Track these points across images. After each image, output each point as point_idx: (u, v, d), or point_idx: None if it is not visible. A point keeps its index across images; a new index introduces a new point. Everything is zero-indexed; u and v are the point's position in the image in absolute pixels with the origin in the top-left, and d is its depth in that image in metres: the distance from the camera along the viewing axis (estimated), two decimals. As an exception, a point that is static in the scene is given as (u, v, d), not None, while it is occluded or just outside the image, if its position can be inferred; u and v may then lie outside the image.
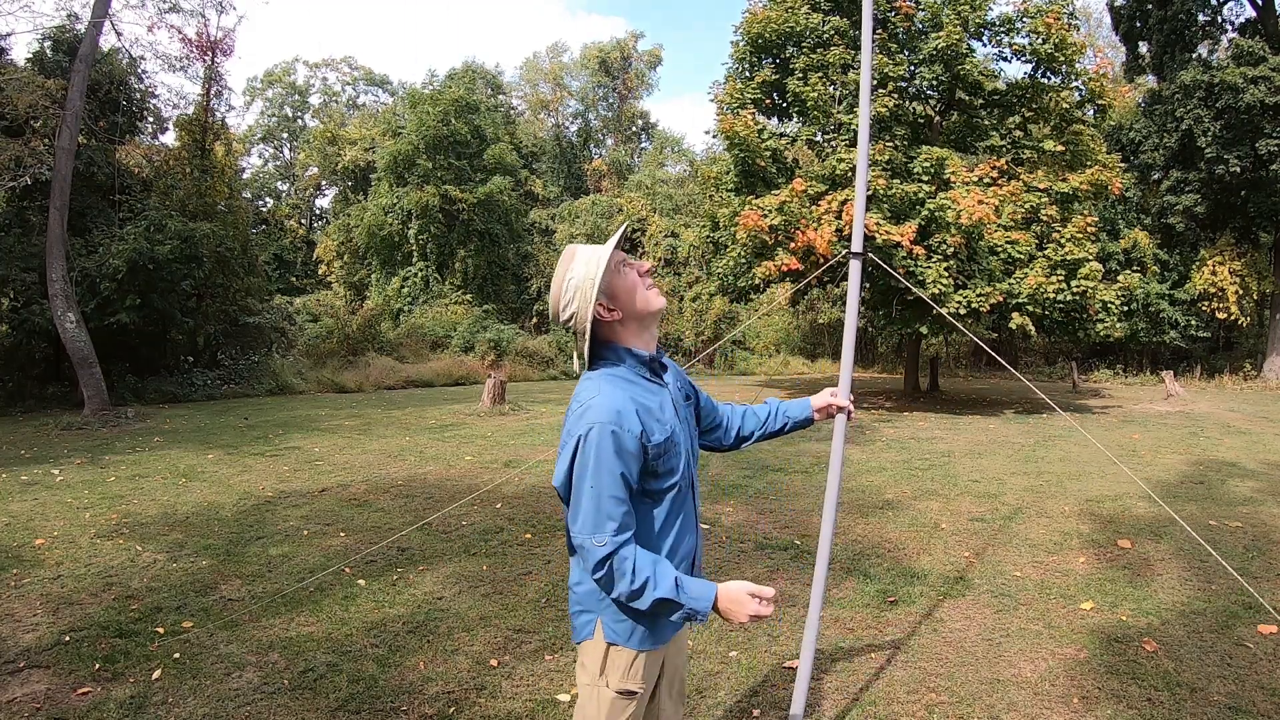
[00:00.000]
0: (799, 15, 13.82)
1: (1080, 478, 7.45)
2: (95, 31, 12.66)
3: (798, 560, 4.84)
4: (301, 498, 6.53)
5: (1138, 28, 21.33)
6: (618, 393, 1.64)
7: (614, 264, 1.72)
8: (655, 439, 1.66)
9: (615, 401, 1.61)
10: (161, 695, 3.12)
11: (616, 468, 1.58)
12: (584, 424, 1.60)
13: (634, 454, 1.60)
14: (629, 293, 1.73)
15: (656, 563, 1.61)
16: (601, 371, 1.72)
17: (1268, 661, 3.39)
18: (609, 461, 1.57)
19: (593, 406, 1.61)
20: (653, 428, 1.66)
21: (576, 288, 1.69)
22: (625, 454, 1.59)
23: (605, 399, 1.62)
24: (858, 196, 2.54)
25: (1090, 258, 12.75)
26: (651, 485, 1.69)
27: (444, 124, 27.98)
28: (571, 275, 1.69)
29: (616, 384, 1.67)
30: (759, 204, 12.82)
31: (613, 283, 1.71)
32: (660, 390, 1.77)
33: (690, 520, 1.84)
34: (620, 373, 1.72)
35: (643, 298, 1.74)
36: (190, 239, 14.36)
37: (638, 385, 1.71)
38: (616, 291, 1.72)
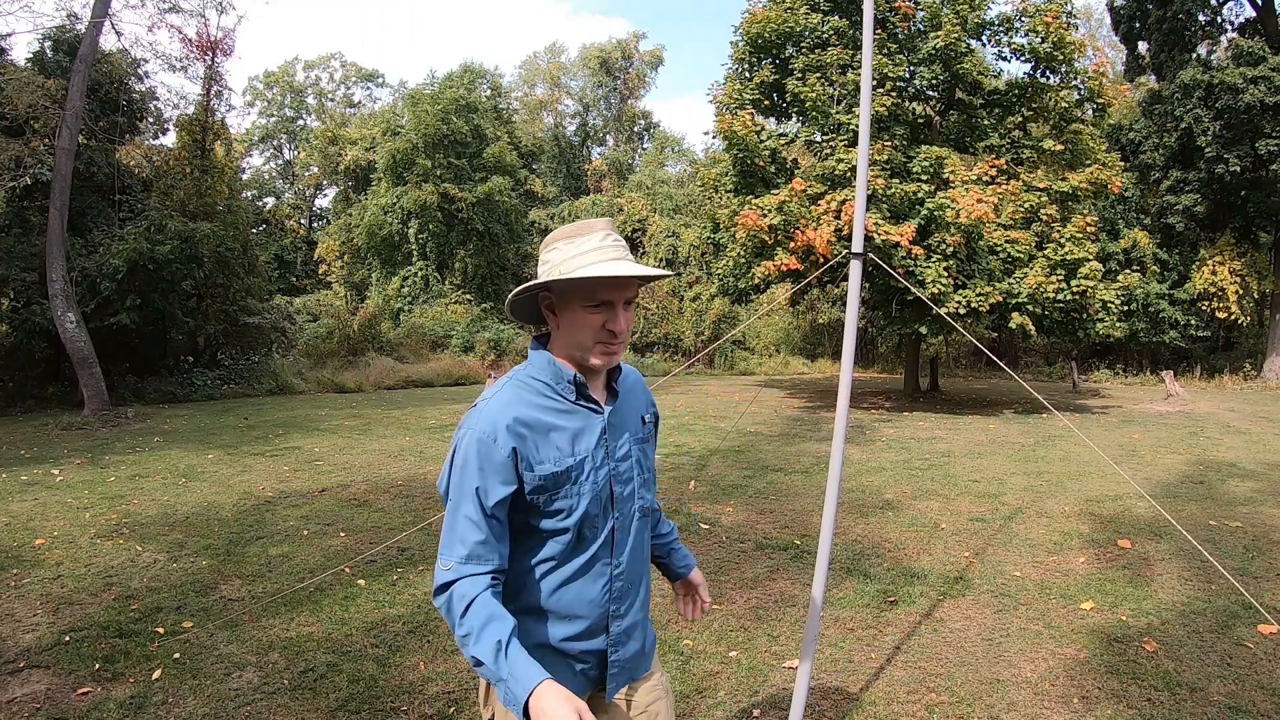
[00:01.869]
0: (798, 15, 13.81)
1: (1080, 478, 7.45)
2: (95, 31, 12.66)
3: (798, 560, 4.84)
4: (301, 498, 6.53)
5: (1137, 28, 21.32)
6: (510, 403, 1.44)
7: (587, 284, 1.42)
8: (541, 469, 1.42)
9: (500, 412, 1.42)
10: (161, 695, 3.12)
11: (474, 484, 1.39)
12: (463, 428, 1.44)
13: (500, 477, 1.39)
14: (572, 327, 1.46)
15: (493, 618, 1.32)
16: (519, 372, 1.51)
17: (1268, 661, 3.39)
18: (471, 476, 1.39)
19: (476, 411, 1.45)
20: (543, 454, 1.43)
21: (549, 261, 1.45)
22: (489, 472, 1.39)
23: (491, 406, 1.43)
24: (858, 196, 2.54)
25: (1090, 257, 12.75)
26: (535, 522, 1.45)
27: (443, 123, 27.99)
28: (558, 249, 1.45)
29: (520, 392, 1.47)
30: (758, 204, 12.82)
31: (570, 303, 1.45)
32: (583, 415, 1.49)
33: (594, 579, 1.50)
34: (533, 382, 1.49)
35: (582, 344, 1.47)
36: (190, 239, 14.36)
37: (549, 401, 1.47)
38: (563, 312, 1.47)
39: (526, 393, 1.47)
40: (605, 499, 1.50)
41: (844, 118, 13.12)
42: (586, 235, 1.43)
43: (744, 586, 4.37)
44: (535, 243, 30.68)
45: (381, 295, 28.97)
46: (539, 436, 1.43)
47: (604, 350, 1.46)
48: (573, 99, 39.53)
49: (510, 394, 1.46)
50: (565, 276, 1.40)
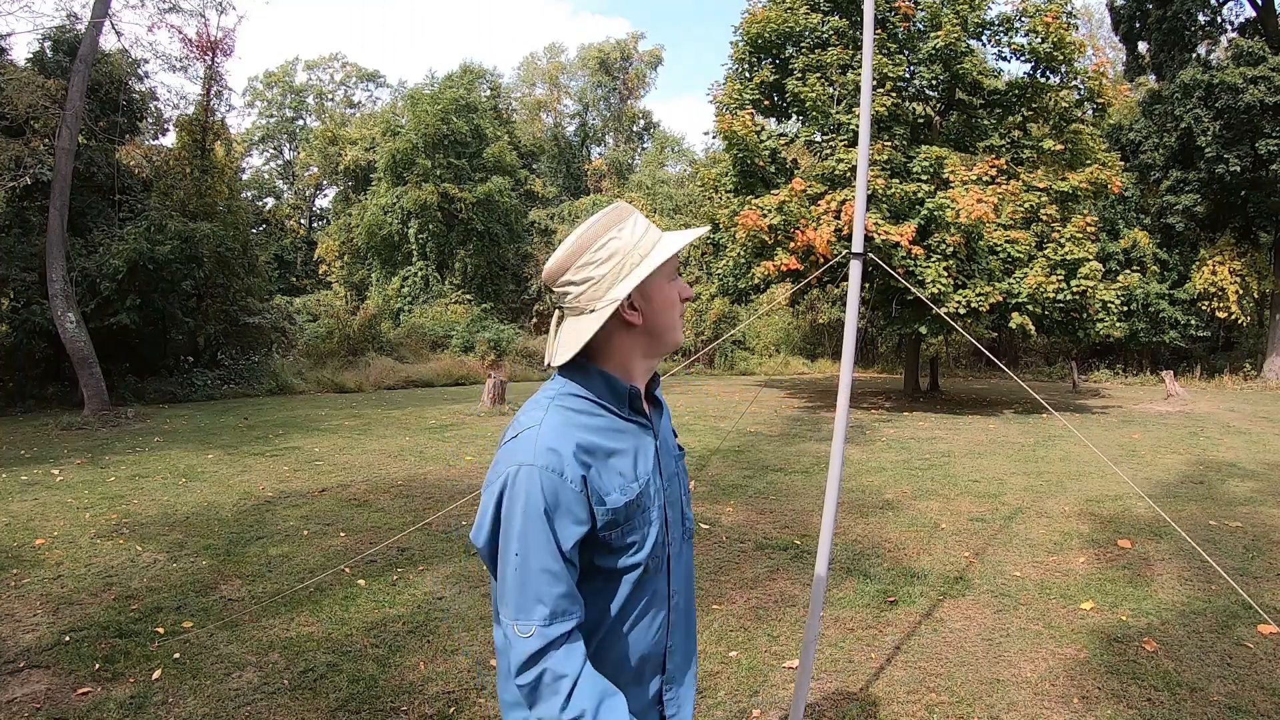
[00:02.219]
0: (798, 15, 13.82)
1: (1080, 478, 7.45)
2: (95, 31, 12.66)
3: (798, 560, 4.84)
4: (301, 498, 6.53)
5: (1137, 28, 21.33)
6: (563, 426, 1.21)
7: (667, 264, 1.29)
8: (611, 500, 1.21)
9: (555, 437, 1.19)
10: (161, 695, 3.12)
11: (547, 530, 1.16)
12: (510, 463, 1.19)
13: (572, 516, 1.17)
14: (664, 309, 1.30)
15: (605, 695, 1.16)
16: (556, 390, 1.28)
17: (1268, 661, 3.39)
18: (538, 520, 1.15)
19: (524, 440, 1.20)
20: (608, 483, 1.22)
21: (617, 254, 1.25)
22: (561, 511, 1.17)
23: (543, 432, 1.19)
24: (858, 196, 2.54)
25: (1090, 257, 12.75)
26: (604, 562, 1.24)
27: (443, 123, 28.00)
28: (615, 237, 1.25)
29: (567, 414, 1.24)
30: (758, 204, 12.83)
31: (657, 284, 1.29)
32: (635, 433, 1.30)
33: (659, 610, 1.33)
34: (577, 400, 1.26)
35: (673, 324, 1.32)
36: (190, 239, 14.36)
37: (599, 419, 1.26)
38: (652, 296, 1.29)
39: (575, 414, 1.25)
40: (667, 523, 1.34)
41: (844, 118, 13.12)
42: (629, 216, 1.29)
43: (744, 586, 4.37)
44: (535, 243, 30.70)
45: (381, 295, 28.99)
46: (601, 464, 1.23)
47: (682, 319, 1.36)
48: (572, 99, 39.54)
49: (558, 416, 1.23)
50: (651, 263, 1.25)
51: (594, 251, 1.25)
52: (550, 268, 1.27)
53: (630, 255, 1.25)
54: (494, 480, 1.20)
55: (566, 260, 1.26)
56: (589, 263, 1.25)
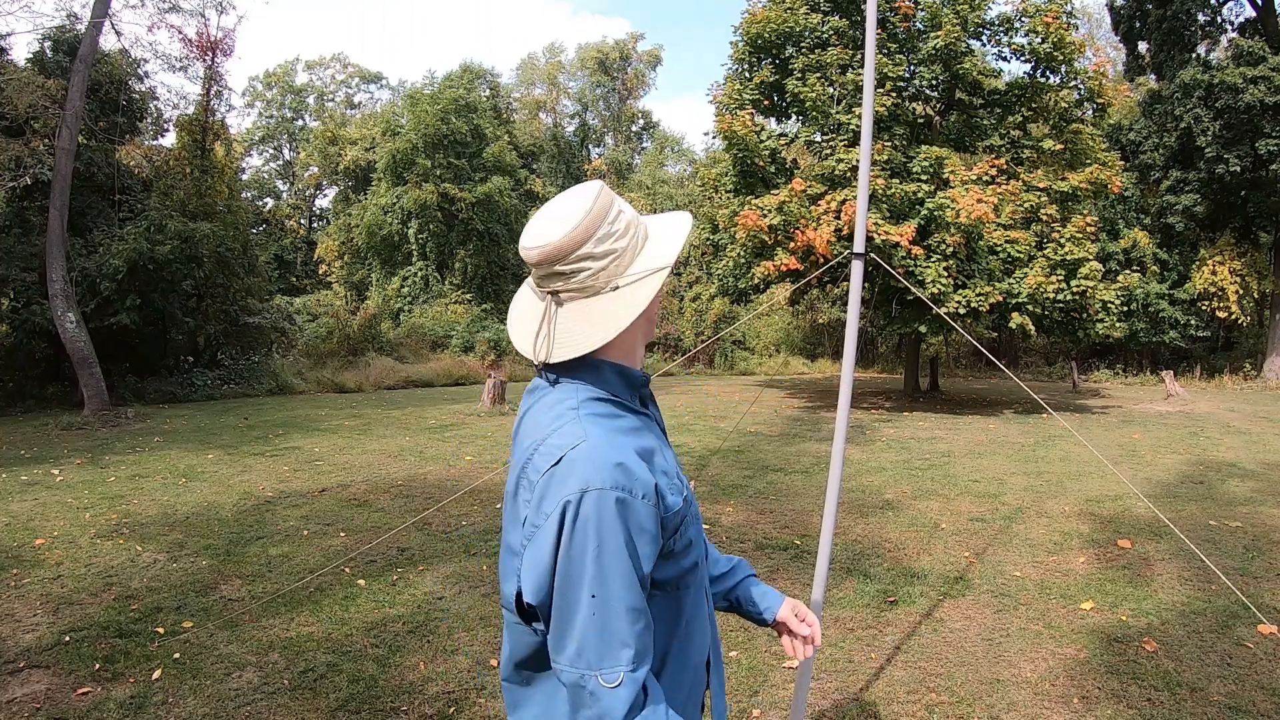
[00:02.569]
0: (798, 15, 13.82)
1: (1080, 478, 7.45)
2: (95, 31, 12.66)
3: (798, 560, 4.84)
4: (301, 498, 6.53)
5: (1137, 28, 21.33)
6: (613, 436, 1.06)
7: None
8: (671, 503, 1.09)
9: (615, 450, 1.03)
10: (161, 695, 3.12)
11: (629, 562, 1.00)
12: (565, 492, 1.00)
13: (651, 535, 1.03)
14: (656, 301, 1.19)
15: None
16: (576, 399, 1.11)
17: (1268, 661, 3.40)
18: (618, 554, 0.99)
19: (578, 463, 1.01)
20: (664, 483, 1.09)
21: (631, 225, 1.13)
22: (642, 537, 1.02)
23: (599, 447, 1.02)
24: (859, 196, 2.54)
25: (1090, 257, 12.76)
26: (664, 573, 1.11)
27: (443, 123, 28.00)
28: (622, 210, 1.14)
29: (603, 422, 1.08)
30: (758, 204, 12.83)
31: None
32: (646, 422, 1.19)
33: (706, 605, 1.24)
34: (602, 405, 1.11)
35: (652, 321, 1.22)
36: (190, 239, 14.36)
37: (625, 420, 1.13)
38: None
39: (609, 420, 1.10)
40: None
41: (844, 118, 13.12)
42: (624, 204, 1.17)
43: (744, 586, 4.37)
44: (535, 243, 30.61)
45: (381, 295, 28.99)
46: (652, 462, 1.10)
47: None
48: (571, 99, 39.55)
49: (602, 427, 1.07)
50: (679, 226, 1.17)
51: (610, 223, 1.11)
52: (563, 241, 1.08)
53: (639, 228, 1.15)
54: (545, 511, 1.00)
55: (586, 231, 1.09)
56: (609, 234, 1.10)
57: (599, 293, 1.11)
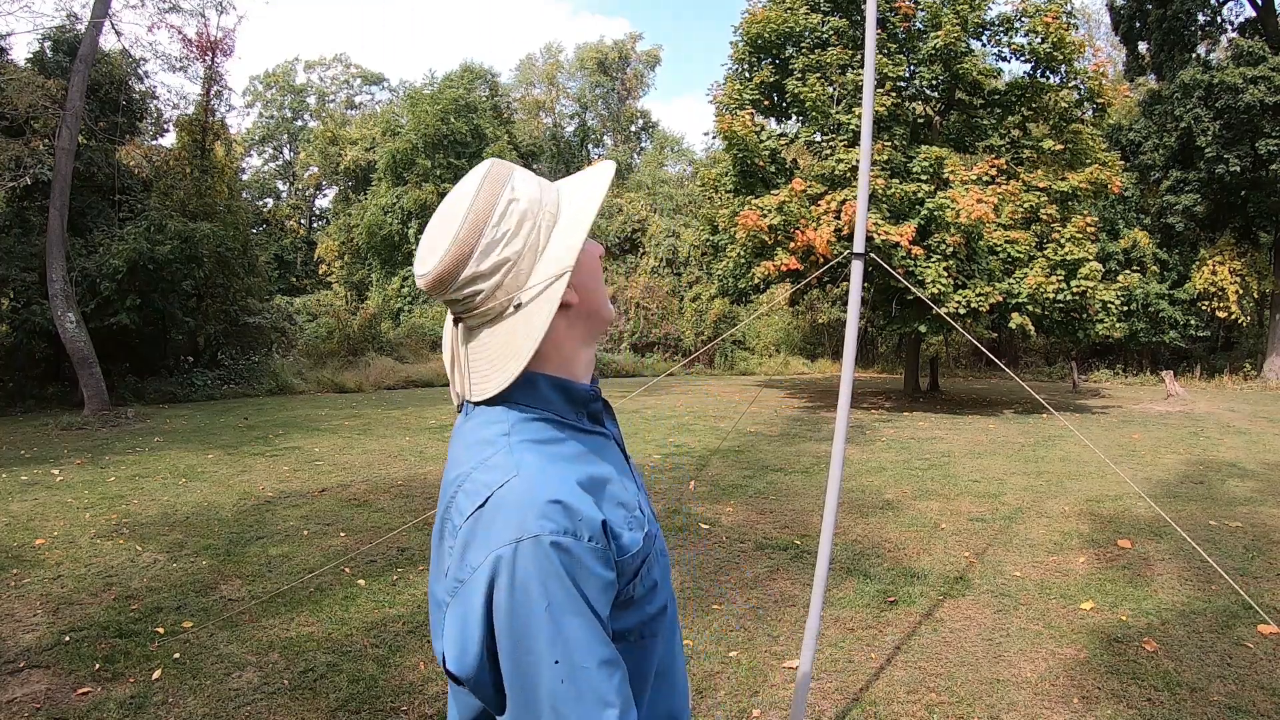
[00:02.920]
0: (798, 15, 13.82)
1: (1080, 478, 7.45)
2: (95, 31, 12.66)
3: (798, 560, 4.84)
4: (301, 498, 6.53)
5: (1137, 28, 21.34)
6: (554, 466, 0.88)
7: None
8: (626, 542, 0.89)
9: (553, 485, 0.84)
10: (161, 695, 3.12)
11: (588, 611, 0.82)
12: (500, 539, 0.81)
13: (605, 581, 0.84)
14: (595, 276, 0.98)
15: None
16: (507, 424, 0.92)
17: (1268, 661, 3.40)
18: (573, 603, 0.81)
19: (510, 499, 0.83)
20: (617, 517, 0.90)
21: (526, 217, 0.91)
22: (592, 583, 0.83)
23: (533, 482, 0.84)
24: (860, 196, 2.55)
25: (1090, 258, 12.76)
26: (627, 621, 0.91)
27: (443, 123, 28.01)
28: (515, 197, 0.91)
29: (541, 449, 0.90)
30: (758, 204, 12.84)
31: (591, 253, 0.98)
32: (600, 441, 1.00)
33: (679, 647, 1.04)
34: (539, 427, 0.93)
35: (605, 294, 1.01)
36: (190, 239, 14.36)
37: (570, 444, 0.94)
38: (581, 262, 0.95)
39: (548, 446, 0.91)
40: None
41: (844, 118, 13.12)
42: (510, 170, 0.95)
43: (744, 586, 4.37)
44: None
45: (381, 295, 29.00)
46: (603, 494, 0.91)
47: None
48: (570, 99, 39.55)
49: (536, 456, 0.88)
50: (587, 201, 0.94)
51: (495, 225, 0.90)
52: (441, 268, 0.90)
53: (541, 215, 0.92)
54: (468, 577, 0.82)
55: (463, 247, 0.89)
56: (496, 241, 0.90)
57: (503, 315, 0.92)
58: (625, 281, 27.25)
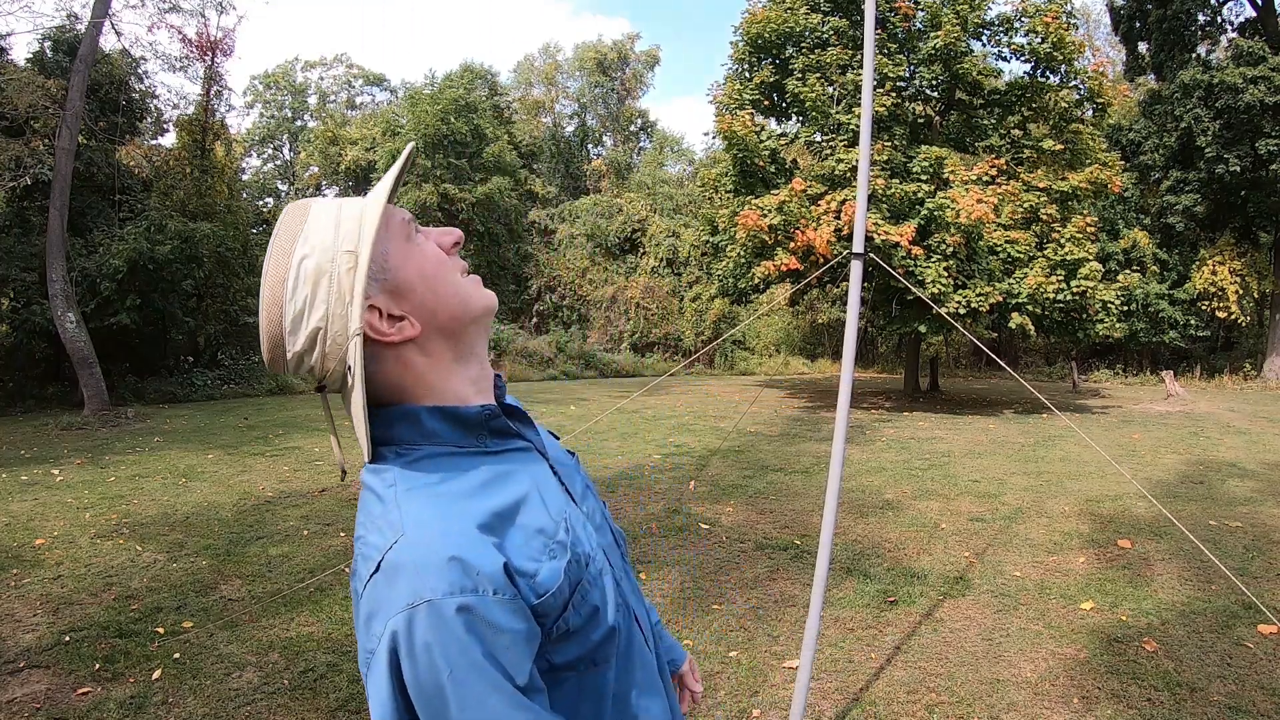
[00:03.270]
0: (798, 15, 13.83)
1: (1080, 478, 7.45)
2: (95, 31, 12.66)
3: (798, 560, 4.84)
4: (301, 498, 6.53)
5: (1137, 28, 21.35)
6: (439, 510, 0.79)
7: (393, 224, 0.86)
8: (545, 577, 0.80)
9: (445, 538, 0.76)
10: (161, 695, 3.12)
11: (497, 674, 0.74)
12: (396, 604, 0.74)
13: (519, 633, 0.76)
14: (431, 283, 0.86)
15: None
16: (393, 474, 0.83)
17: (1268, 661, 3.40)
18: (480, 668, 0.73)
19: (401, 562, 0.75)
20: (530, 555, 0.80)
21: (317, 275, 0.81)
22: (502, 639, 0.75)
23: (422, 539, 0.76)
24: (859, 196, 2.55)
25: (1090, 258, 12.77)
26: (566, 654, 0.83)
27: (443, 123, 28.02)
28: (304, 251, 0.81)
29: (429, 491, 0.81)
30: (758, 204, 12.84)
31: (393, 260, 0.85)
32: (522, 461, 0.90)
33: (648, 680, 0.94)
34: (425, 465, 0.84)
35: (456, 290, 0.88)
36: (190, 239, 14.37)
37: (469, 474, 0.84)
38: (404, 278, 0.85)
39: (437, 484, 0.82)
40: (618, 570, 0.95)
41: (844, 118, 13.13)
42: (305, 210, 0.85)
43: (744, 586, 4.37)
44: (535, 243, 30.70)
45: (382, 295, 28.96)
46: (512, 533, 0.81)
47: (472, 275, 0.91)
48: (570, 99, 39.55)
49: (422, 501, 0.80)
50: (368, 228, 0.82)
51: (292, 298, 0.81)
52: (267, 356, 0.84)
53: (337, 262, 0.80)
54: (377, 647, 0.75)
55: (273, 330, 0.82)
56: (299, 314, 0.81)
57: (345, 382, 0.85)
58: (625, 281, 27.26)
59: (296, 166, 40.47)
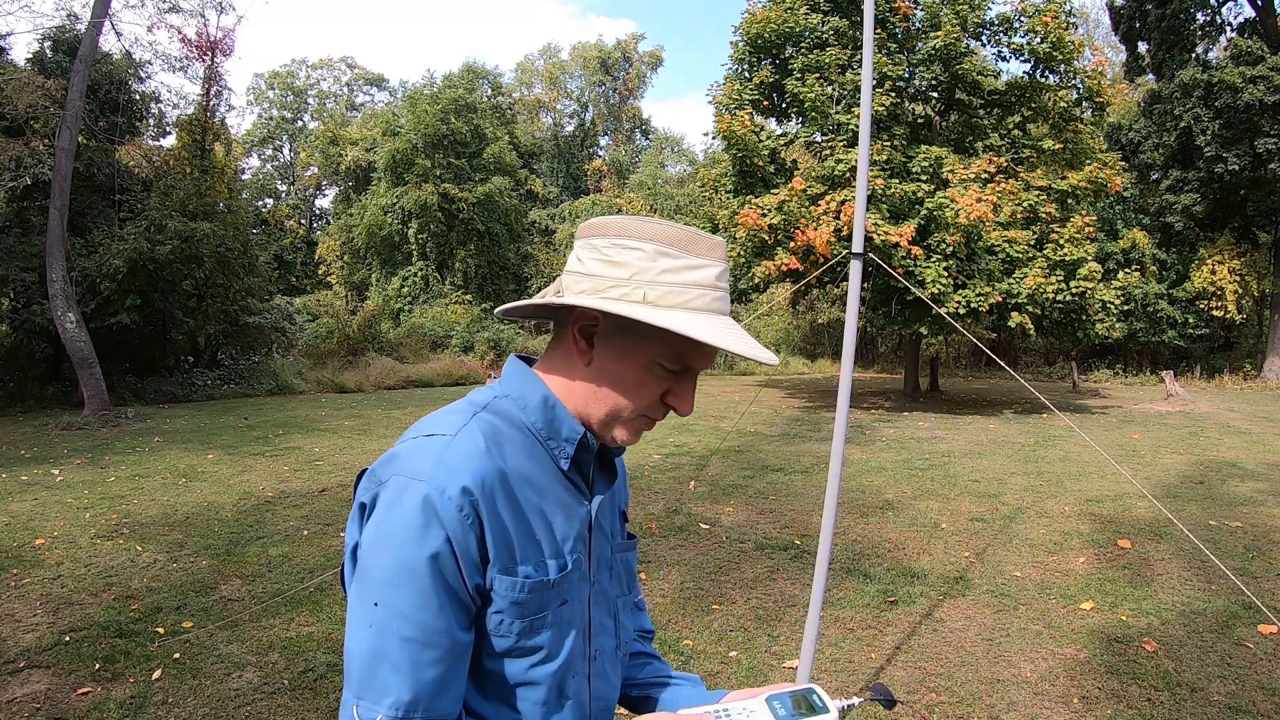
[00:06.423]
0: (798, 16, 13.83)
1: (1080, 478, 7.45)
2: (95, 31, 12.66)
3: (798, 560, 4.84)
4: (301, 498, 6.53)
5: (1137, 28, 21.36)
6: (485, 445, 0.85)
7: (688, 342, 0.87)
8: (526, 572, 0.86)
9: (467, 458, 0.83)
10: (161, 695, 3.12)
11: (430, 580, 0.80)
12: (389, 473, 0.84)
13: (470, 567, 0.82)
14: (619, 382, 0.91)
15: None
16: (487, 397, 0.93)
17: (1268, 661, 3.40)
18: (417, 563, 0.79)
19: (421, 449, 0.84)
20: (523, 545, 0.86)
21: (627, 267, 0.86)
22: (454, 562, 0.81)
23: (454, 446, 0.84)
24: (858, 196, 2.55)
25: (1089, 258, 12.78)
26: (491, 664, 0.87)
27: (443, 123, 28.01)
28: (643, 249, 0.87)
29: (495, 430, 0.88)
30: (758, 203, 12.84)
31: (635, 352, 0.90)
32: (572, 496, 0.94)
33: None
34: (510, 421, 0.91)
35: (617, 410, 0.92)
36: (190, 239, 14.37)
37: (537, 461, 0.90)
38: (621, 357, 0.90)
39: (506, 435, 0.89)
40: (586, 631, 0.95)
41: (843, 118, 13.13)
42: (702, 258, 0.88)
43: (744, 586, 4.37)
44: (535, 243, 30.70)
45: (381, 295, 28.99)
46: (521, 517, 0.87)
47: (645, 426, 0.94)
48: (571, 99, 39.55)
49: (481, 431, 0.87)
50: (653, 315, 0.84)
51: (612, 245, 0.87)
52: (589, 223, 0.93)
53: (633, 285, 0.86)
54: (364, 492, 0.85)
55: (592, 229, 0.91)
56: (610, 252, 0.87)
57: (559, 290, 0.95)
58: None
59: (297, 167, 40.46)
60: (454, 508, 0.80)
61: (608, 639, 0.99)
